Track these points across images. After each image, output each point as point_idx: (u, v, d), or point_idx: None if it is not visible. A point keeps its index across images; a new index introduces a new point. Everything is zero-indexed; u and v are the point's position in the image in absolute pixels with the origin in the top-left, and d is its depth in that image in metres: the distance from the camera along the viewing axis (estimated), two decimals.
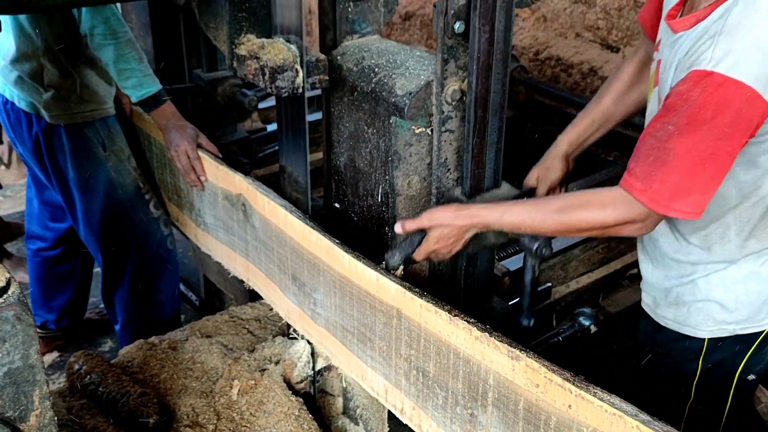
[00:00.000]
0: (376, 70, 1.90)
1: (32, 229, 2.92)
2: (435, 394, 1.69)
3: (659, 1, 1.90)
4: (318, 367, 2.18)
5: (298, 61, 1.82)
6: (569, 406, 1.36)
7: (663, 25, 1.71)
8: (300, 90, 1.85)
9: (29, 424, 1.41)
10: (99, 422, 2.04)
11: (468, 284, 1.96)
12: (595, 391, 1.33)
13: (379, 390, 1.90)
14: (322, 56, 1.89)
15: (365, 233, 2.07)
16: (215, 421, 2.04)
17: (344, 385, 2.18)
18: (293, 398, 2.07)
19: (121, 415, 2.04)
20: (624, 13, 4.35)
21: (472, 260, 1.94)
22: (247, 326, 2.43)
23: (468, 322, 1.54)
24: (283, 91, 1.82)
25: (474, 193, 1.83)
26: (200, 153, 2.33)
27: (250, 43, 1.90)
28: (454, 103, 1.78)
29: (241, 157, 2.69)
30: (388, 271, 1.77)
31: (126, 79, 2.28)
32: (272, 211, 2.06)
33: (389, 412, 2.02)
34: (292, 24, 1.87)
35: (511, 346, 1.46)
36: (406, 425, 1.89)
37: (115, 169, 2.48)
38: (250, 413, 2.06)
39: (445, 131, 1.78)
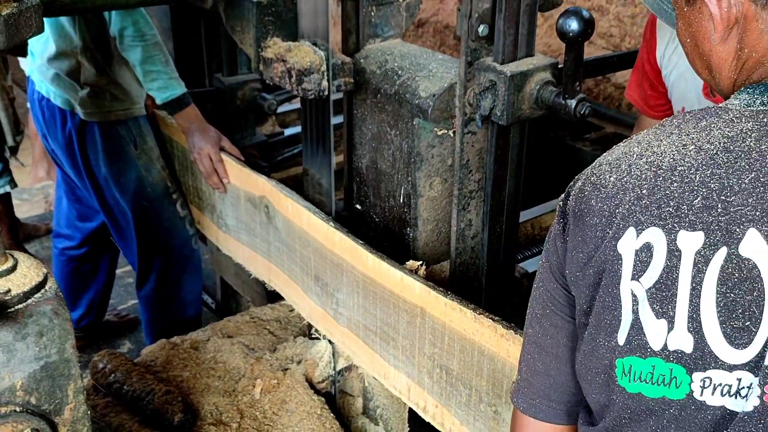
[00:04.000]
0: (400, 72, 1.93)
1: (60, 228, 2.96)
2: (458, 391, 1.71)
3: (653, 80, 1.94)
4: (339, 367, 2.20)
5: (324, 64, 1.85)
6: None
7: (696, 103, 1.77)
8: (326, 92, 1.88)
9: (63, 417, 1.44)
10: (124, 420, 2.07)
11: (489, 286, 1.98)
12: None
13: (402, 389, 1.91)
14: (348, 59, 1.92)
15: (387, 234, 2.10)
16: (238, 420, 2.07)
17: (364, 386, 2.20)
18: (315, 397, 2.09)
19: (146, 413, 2.07)
20: (637, 21, 4.37)
21: (494, 261, 1.96)
22: (267, 327, 2.45)
23: (493, 320, 1.56)
24: (310, 93, 1.85)
25: (497, 194, 1.85)
26: (223, 155, 2.36)
27: (276, 46, 1.93)
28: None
29: (260, 160, 2.72)
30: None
31: (152, 81, 2.32)
32: (296, 212, 2.08)
33: (409, 411, 2.05)
34: (318, 27, 1.90)
35: None
36: (425, 426, 1.91)
37: (146, 167, 2.53)
38: (273, 412, 2.08)
39: (468, 133, 1.79)
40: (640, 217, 0.82)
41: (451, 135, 1.88)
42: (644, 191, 0.82)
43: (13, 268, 1.36)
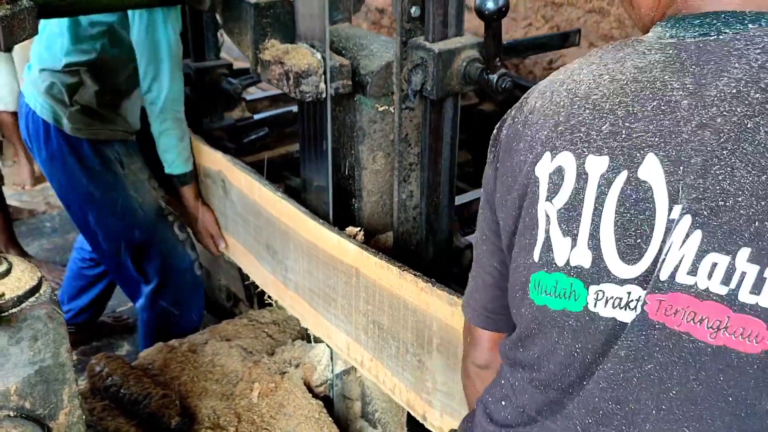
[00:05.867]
0: (343, 52, 2.00)
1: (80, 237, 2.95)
2: (389, 344, 1.85)
3: None
4: (337, 370, 2.19)
5: (322, 66, 1.85)
6: None
7: None
8: (323, 95, 1.87)
9: (58, 422, 1.43)
10: (120, 423, 2.06)
11: (428, 254, 2.03)
12: None
13: (342, 346, 2.03)
14: (346, 62, 1.91)
15: (336, 206, 2.14)
16: (236, 423, 2.06)
17: (363, 389, 2.19)
18: (313, 401, 2.08)
19: (143, 417, 2.06)
20: None
21: (432, 231, 2.00)
22: (266, 330, 2.44)
23: (414, 275, 1.69)
24: (307, 95, 1.84)
25: (433, 166, 1.91)
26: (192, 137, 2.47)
27: (274, 48, 1.92)
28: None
29: (228, 142, 2.77)
30: None
31: (164, 151, 2.40)
32: (248, 185, 2.23)
33: (408, 415, 2.04)
34: (315, 29, 1.89)
35: (450, 294, 1.60)
36: (425, 431, 1.91)
37: (134, 187, 2.47)
38: (271, 416, 2.07)
39: (405, 108, 1.85)
40: (555, 142, 0.87)
41: (392, 111, 1.96)
42: (561, 118, 0.88)
43: (7, 272, 1.36)
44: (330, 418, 2.08)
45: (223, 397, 2.15)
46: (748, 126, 0.73)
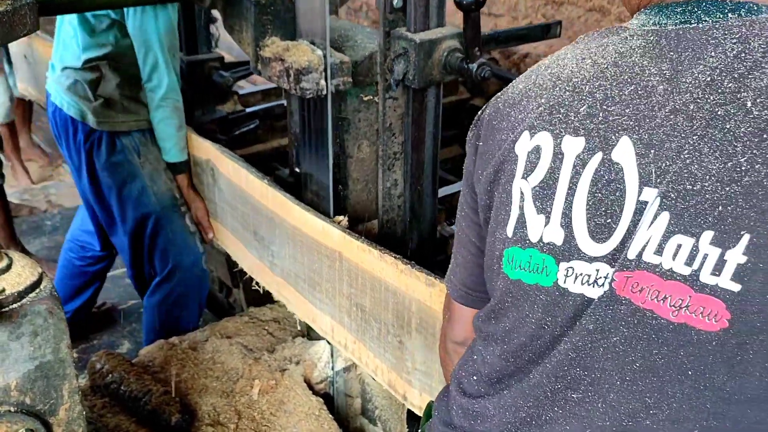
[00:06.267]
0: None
1: (81, 232, 2.96)
2: (371, 326, 1.89)
3: None
4: (337, 368, 2.19)
5: (323, 64, 1.85)
6: None
7: None
8: (324, 92, 1.87)
9: (58, 417, 1.43)
10: (121, 420, 2.06)
11: (412, 241, 2.06)
12: None
13: (327, 329, 2.07)
14: (346, 58, 1.91)
15: (321, 193, 2.16)
16: (236, 420, 2.06)
17: (363, 387, 2.19)
18: (313, 398, 2.08)
19: (143, 414, 2.06)
20: None
21: (415, 218, 2.03)
22: (266, 327, 2.45)
23: (394, 257, 1.73)
24: (308, 92, 1.84)
25: (416, 154, 1.94)
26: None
27: (274, 45, 1.92)
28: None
29: (220, 135, 2.80)
30: None
31: (161, 139, 2.47)
32: (236, 173, 2.27)
33: (408, 413, 2.04)
34: (316, 27, 1.89)
35: (428, 275, 1.64)
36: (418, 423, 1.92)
37: (150, 177, 2.52)
38: (271, 413, 2.07)
39: (389, 98, 1.89)
40: (534, 122, 0.89)
41: (376, 101, 1.98)
42: (543, 99, 0.90)
43: (8, 268, 1.36)
44: (330, 415, 2.08)
45: (224, 394, 2.15)
46: (719, 114, 0.75)
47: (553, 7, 4.55)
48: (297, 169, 2.32)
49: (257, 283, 2.40)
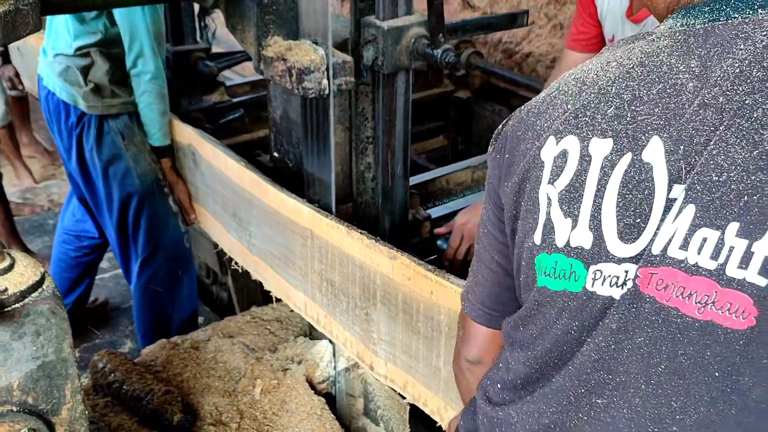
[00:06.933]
0: None
1: (77, 222, 2.98)
2: (340, 300, 1.98)
3: (582, 12, 2.22)
4: (340, 367, 2.19)
5: (325, 63, 1.84)
6: (431, 293, 1.64)
7: (620, 25, 1.98)
8: (326, 91, 1.87)
9: (61, 417, 1.43)
10: (123, 420, 2.06)
11: (386, 224, 2.13)
12: (449, 277, 1.60)
13: (300, 305, 2.15)
14: (349, 58, 1.90)
15: (298, 177, 2.21)
16: (238, 420, 2.06)
17: (365, 386, 2.19)
18: (315, 398, 2.08)
19: (146, 413, 2.06)
20: None
21: (387, 201, 2.08)
22: (268, 327, 2.44)
23: (360, 233, 1.81)
24: (310, 92, 1.84)
25: (387, 139, 2.00)
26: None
27: (277, 45, 1.92)
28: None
29: (206, 124, 2.85)
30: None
31: (146, 124, 2.55)
32: (215, 156, 2.35)
33: (410, 411, 2.04)
34: (319, 26, 1.89)
35: (390, 249, 1.73)
36: (427, 427, 1.91)
37: (134, 158, 2.60)
38: (273, 412, 2.07)
39: (361, 84, 1.93)
40: (559, 126, 0.88)
41: (349, 87, 2.01)
42: (569, 105, 0.89)
43: (11, 267, 1.35)
44: (332, 415, 2.08)
45: (226, 393, 2.15)
46: (747, 102, 0.74)
47: (555, 7, 4.55)
48: (275, 154, 2.41)
49: (236, 263, 2.49)
